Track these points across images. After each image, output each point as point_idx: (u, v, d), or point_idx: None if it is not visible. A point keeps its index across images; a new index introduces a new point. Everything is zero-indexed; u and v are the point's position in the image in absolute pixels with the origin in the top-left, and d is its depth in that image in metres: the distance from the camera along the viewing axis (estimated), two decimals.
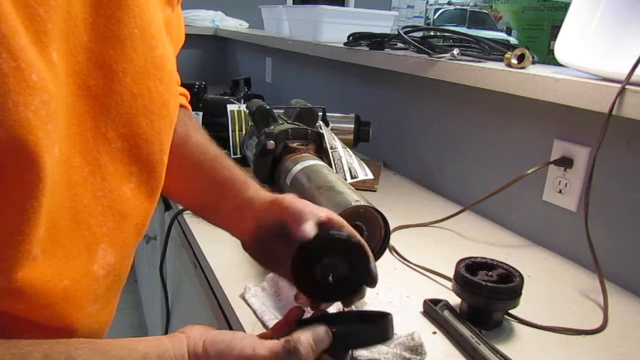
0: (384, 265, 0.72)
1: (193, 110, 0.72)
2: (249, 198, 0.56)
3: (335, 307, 0.60)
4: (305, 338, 0.40)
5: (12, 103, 0.28)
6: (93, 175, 0.38)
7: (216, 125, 1.20)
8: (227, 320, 0.69)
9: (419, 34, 1.22)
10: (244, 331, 0.60)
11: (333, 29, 1.49)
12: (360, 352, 0.54)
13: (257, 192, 0.57)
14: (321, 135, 0.92)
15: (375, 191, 1.11)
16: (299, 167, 0.79)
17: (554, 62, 0.85)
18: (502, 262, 0.65)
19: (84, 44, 0.35)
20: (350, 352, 0.54)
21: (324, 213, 0.50)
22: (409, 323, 0.62)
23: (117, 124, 0.39)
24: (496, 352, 0.56)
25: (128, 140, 0.40)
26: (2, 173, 0.30)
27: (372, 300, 0.67)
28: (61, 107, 0.34)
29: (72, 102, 0.35)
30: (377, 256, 0.67)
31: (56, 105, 0.32)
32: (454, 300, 0.64)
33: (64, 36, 0.33)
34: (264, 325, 0.60)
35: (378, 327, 0.45)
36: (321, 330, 0.42)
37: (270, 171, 0.87)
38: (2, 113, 0.28)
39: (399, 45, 1.25)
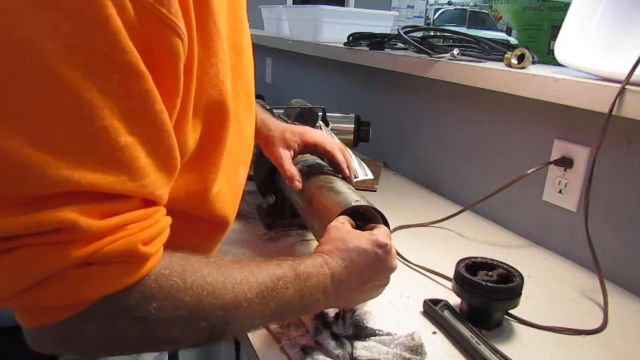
0: None
1: None
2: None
3: (333, 310, 0.60)
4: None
5: (225, 79, 0.46)
6: (236, 120, 0.53)
7: None
8: None
9: (419, 34, 1.22)
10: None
11: (333, 29, 1.49)
12: (361, 352, 0.54)
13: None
14: None
15: (375, 191, 1.11)
16: (298, 166, 0.79)
17: (554, 62, 0.85)
18: (502, 262, 0.65)
19: (227, 34, 0.49)
20: (350, 351, 0.54)
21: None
22: (409, 323, 0.62)
23: (242, 84, 0.56)
24: (496, 352, 0.56)
25: (247, 94, 0.57)
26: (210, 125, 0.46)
27: (371, 300, 0.67)
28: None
29: None
30: None
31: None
32: (454, 300, 0.64)
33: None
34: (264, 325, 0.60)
35: None
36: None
37: (270, 171, 0.86)
38: (222, 85, 0.46)
39: (399, 45, 1.24)
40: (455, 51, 0.98)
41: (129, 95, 0.36)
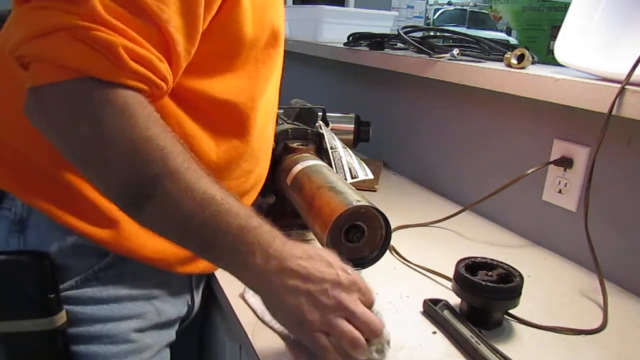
0: (384, 265, 0.72)
1: None
2: None
3: None
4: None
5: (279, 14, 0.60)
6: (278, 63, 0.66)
7: None
8: (227, 320, 0.70)
9: (419, 34, 1.22)
10: (244, 331, 0.60)
11: (333, 29, 1.49)
12: None
13: None
14: (321, 135, 0.92)
15: (375, 191, 1.11)
16: (299, 167, 0.79)
17: (554, 62, 0.85)
18: (502, 262, 0.65)
19: None
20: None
21: None
22: (409, 323, 0.62)
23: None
24: (496, 352, 0.56)
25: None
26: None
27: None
28: None
29: None
30: (378, 256, 0.67)
31: None
32: (454, 300, 0.64)
33: None
34: (265, 324, 0.60)
35: None
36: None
37: (270, 172, 0.86)
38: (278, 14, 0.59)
39: (399, 45, 1.24)
40: (455, 51, 0.98)
41: None
